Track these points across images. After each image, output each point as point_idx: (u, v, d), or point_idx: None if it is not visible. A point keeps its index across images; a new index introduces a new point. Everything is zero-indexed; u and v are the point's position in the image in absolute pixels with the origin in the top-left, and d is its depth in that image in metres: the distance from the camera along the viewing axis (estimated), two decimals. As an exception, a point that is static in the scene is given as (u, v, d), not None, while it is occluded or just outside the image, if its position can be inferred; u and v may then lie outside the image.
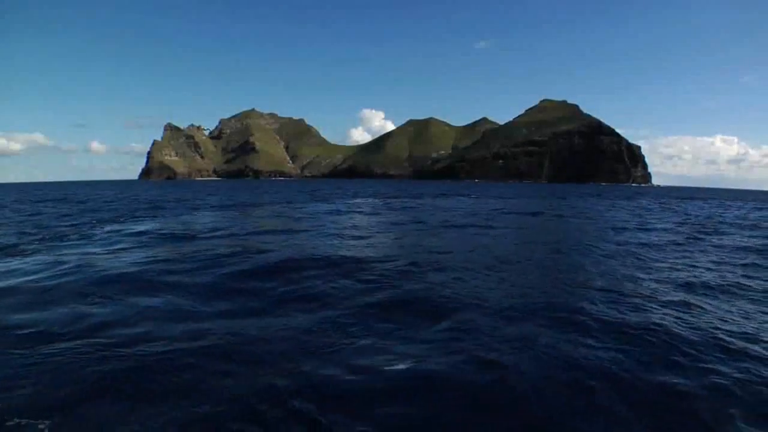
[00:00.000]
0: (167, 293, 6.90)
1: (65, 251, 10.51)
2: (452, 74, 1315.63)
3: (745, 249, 12.39)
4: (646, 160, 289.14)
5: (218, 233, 14.06)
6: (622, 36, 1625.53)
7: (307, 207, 26.81)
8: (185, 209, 24.83)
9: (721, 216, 24.75)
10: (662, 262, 10.01)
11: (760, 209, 34.10)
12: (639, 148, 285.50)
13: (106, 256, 9.98)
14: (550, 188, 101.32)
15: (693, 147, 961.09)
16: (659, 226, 18.48)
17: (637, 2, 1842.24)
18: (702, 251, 11.83)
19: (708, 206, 36.33)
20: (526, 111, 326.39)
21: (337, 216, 20.93)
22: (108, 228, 15.70)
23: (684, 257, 10.79)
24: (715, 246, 12.86)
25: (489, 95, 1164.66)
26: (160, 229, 14.92)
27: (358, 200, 35.47)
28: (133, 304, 6.31)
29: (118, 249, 10.87)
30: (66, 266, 8.62)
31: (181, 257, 9.65)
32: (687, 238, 14.68)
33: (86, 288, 7.16)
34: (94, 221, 17.97)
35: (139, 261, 9.25)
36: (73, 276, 7.90)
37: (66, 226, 16.40)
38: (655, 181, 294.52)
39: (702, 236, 15.20)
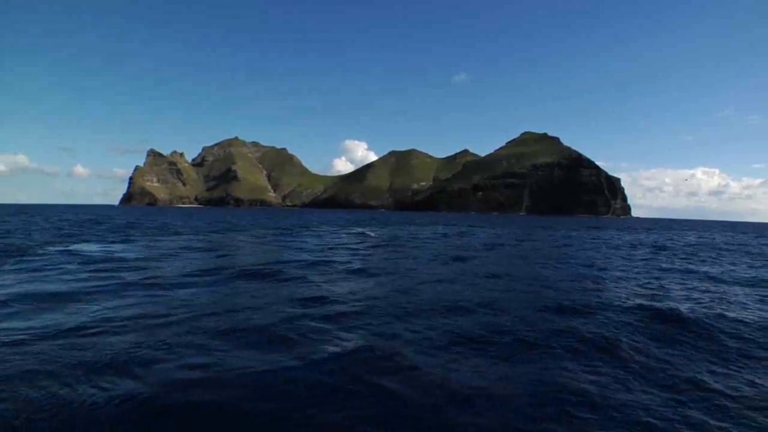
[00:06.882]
0: None
1: None
2: (435, 106, 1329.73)
3: None
4: (628, 192, 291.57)
5: None
6: (603, 69, 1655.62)
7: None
8: None
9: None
10: None
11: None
12: (618, 180, 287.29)
13: None
14: (520, 219, 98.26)
15: (674, 179, 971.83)
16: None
17: (615, 36, 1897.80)
18: None
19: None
20: (507, 143, 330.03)
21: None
22: None
23: None
24: None
25: (471, 127, 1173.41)
26: None
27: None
28: None
29: None
30: None
31: None
32: None
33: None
34: None
35: None
36: None
37: None
38: (636, 213, 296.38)
39: None
